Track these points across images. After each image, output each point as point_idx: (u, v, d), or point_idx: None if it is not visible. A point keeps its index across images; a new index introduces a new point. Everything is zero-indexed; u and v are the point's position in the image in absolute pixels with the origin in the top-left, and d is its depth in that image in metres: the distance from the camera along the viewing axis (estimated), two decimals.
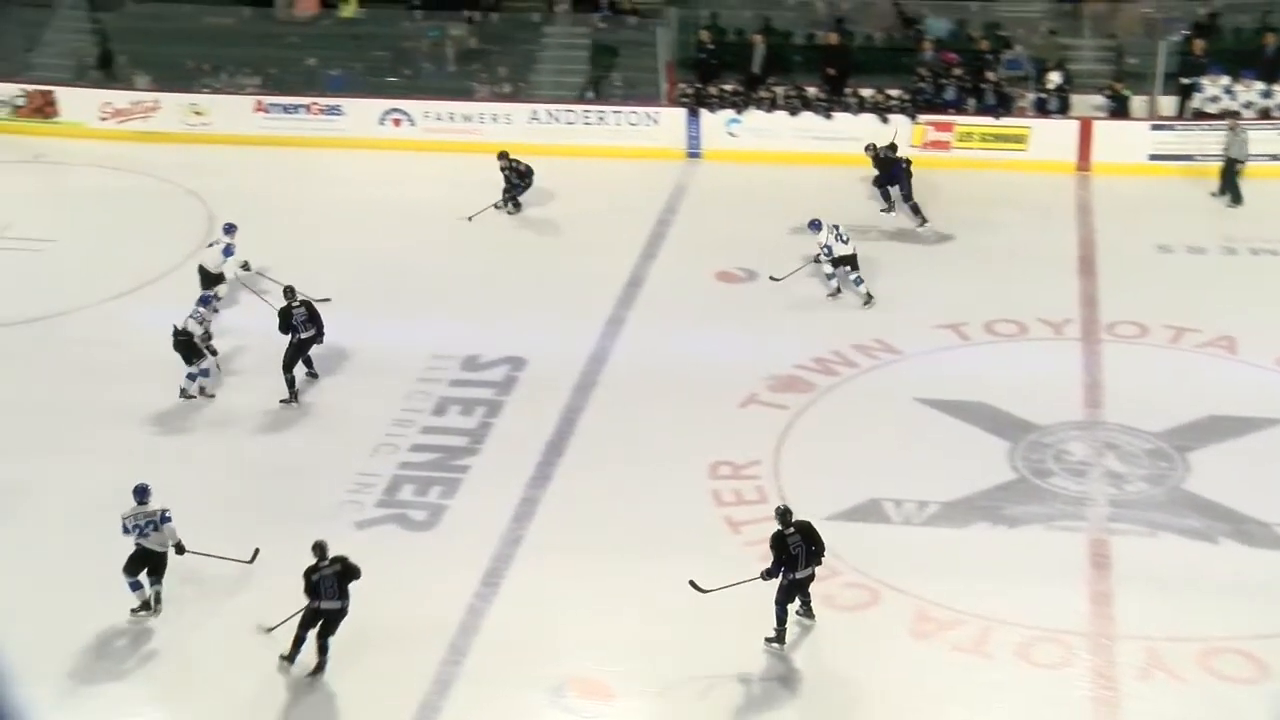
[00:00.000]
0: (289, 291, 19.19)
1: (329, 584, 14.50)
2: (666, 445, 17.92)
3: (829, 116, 26.16)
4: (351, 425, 18.51)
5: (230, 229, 21.70)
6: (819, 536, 14.68)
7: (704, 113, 26.57)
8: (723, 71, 27.22)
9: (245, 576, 15.59)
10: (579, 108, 27.06)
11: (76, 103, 28.34)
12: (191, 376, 19.10)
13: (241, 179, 25.84)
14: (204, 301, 19.63)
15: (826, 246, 21.01)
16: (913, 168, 23.71)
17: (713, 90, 26.95)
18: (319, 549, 14.64)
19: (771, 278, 21.59)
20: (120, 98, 28.27)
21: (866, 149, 24.16)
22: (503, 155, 24.08)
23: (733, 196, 24.85)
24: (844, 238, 21.05)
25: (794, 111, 26.36)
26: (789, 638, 14.82)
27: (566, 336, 20.58)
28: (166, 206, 25.12)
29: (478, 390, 19.38)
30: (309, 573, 14.53)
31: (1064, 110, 25.76)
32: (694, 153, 26.54)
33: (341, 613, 14.55)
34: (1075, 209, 24.17)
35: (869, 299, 21.08)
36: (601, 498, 17.09)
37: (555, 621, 15.13)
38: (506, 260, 22.78)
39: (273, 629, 14.72)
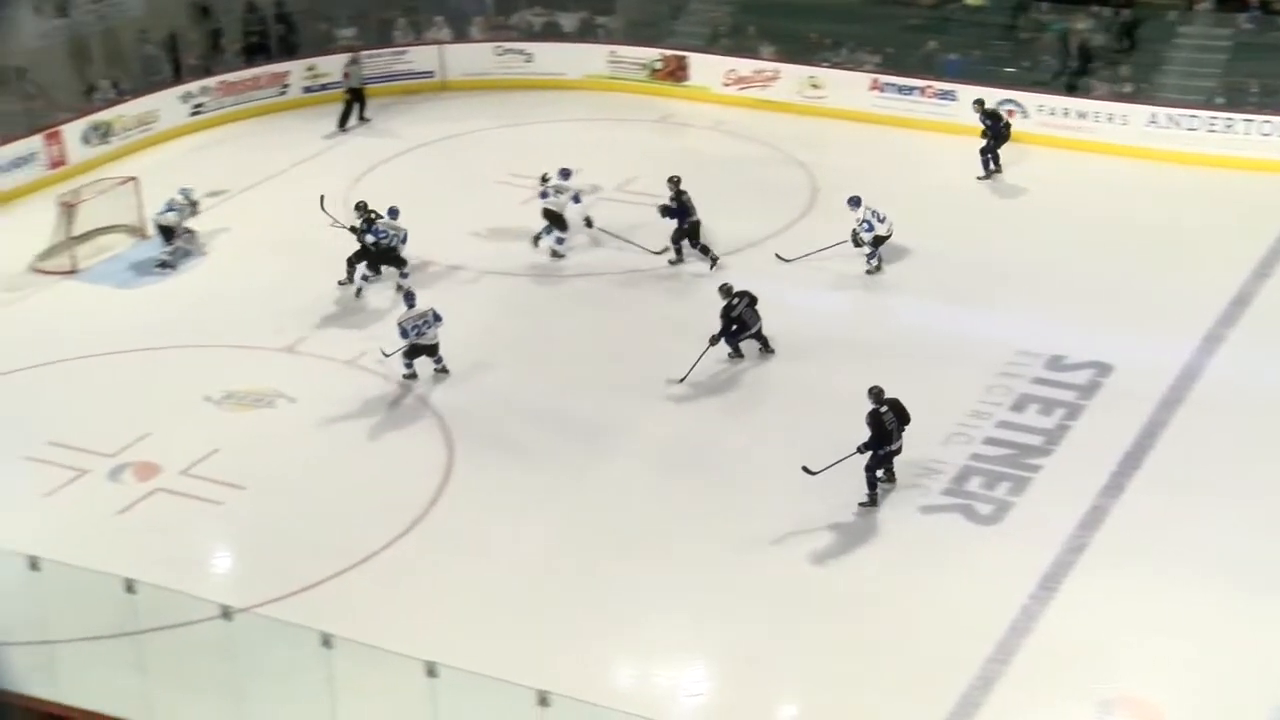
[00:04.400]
0: (360, 206, 21.68)
1: (750, 314, 19.30)
2: (1253, 473, 16.99)
3: None
4: (927, 411, 18.44)
5: (565, 173, 22.66)
6: (907, 411, 16.57)
7: None
8: None
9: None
10: (1204, 113, 25.85)
11: (704, 68, 29.71)
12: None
13: (849, 154, 26.33)
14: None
15: (866, 222, 21.74)
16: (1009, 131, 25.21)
17: None
18: (725, 290, 19.24)
19: (778, 255, 22.22)
20: (744, 66, 29.41)
21: (975, 103, 25.41)
22: (673, 181, 22.43)
23: None
24: (881, 217, 21.81)
25: None
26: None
27: (1159, 347, 19.84)
28: (774, 174, 25.94)
29: (1059, 391, 18.99)
30: (728, 310, 19.12)
31: None
32: None
33: (760, 328, 19.36)
34: None
35: (876, 269, 22.01)
36: (1174, 516, 16.41)
37: (1111, 636, 14.67)
38: (1104, 263, 22.17)
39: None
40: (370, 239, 21.51)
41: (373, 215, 21.69)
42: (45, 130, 26.30)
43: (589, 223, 22.95)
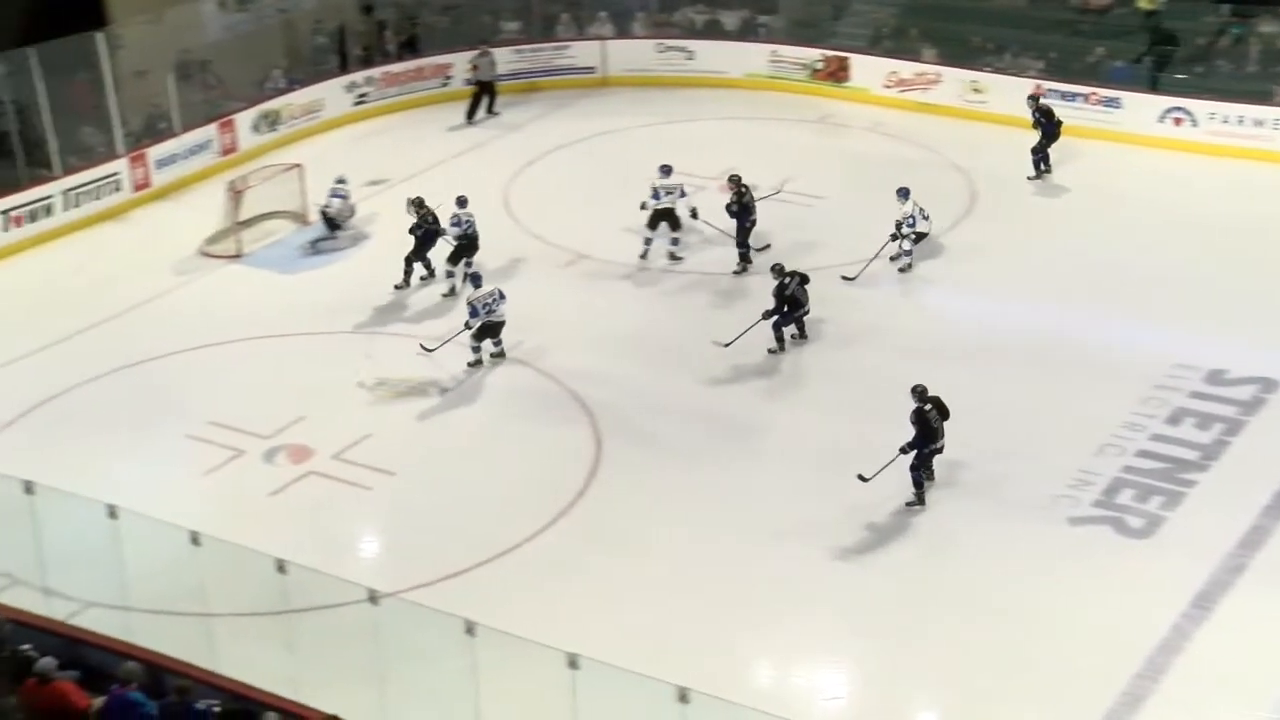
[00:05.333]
0: (419, 202, 22.01)
1: (802, 292, 19.58)
2: None
3: None
4: (1079, 421, 18.20)
5: (667, 170, 22.53)
6: (947, 408, 16.54)
7: None
8: None
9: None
10: None
11: (866, 69, 29.48)
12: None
13: (1007, 160, 25.92)
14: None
15: (911, 217, 21.78)
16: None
17: None
18: (778, 269, 19.56)
19: (843, 277, 21.65)
20: (905, 68, 29.14)
21: (1030, 99, 25.35)
22: (734, 180, 22.20)
23: None
24: (926, 214, 22.03)
25: None
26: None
27: None
28: (931, 178, 25.57)
29: (1218, 406, 18.53)
30: (781, 290, 19.42)
31: None
32: None
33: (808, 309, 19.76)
34: None
35: (909, 266, 22.02)
36: None
37: (1267, 662, 14.27)
38: (1274, 276, 21.58)
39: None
40: (455, 230, 21.74)
41: (431, 211, 21.98)
42: (220, 119, 27.02)
43: (694, 214, 22.82)
